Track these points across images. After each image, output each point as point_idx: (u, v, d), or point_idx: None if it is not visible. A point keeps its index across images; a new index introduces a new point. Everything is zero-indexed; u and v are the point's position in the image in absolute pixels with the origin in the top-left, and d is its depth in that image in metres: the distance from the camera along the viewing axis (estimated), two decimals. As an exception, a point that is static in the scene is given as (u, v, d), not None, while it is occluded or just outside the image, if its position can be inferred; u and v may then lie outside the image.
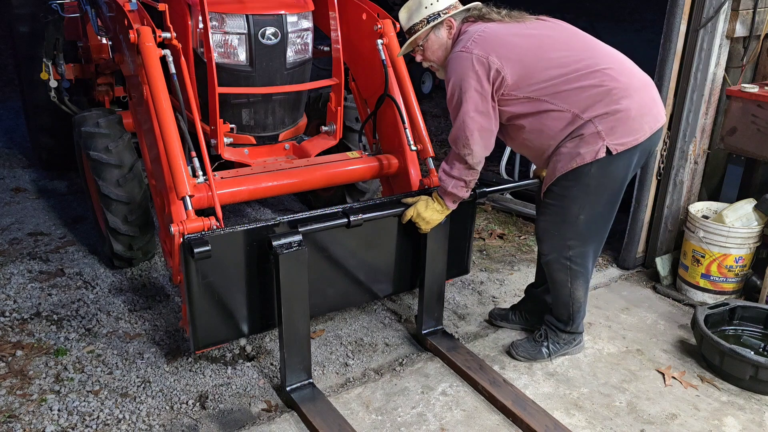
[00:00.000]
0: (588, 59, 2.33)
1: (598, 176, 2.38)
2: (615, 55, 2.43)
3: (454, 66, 2.38)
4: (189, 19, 3.09)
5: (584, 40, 2.44)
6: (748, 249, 3.22)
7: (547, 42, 2.38)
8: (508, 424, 2.49)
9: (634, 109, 2.32)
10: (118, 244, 3.34)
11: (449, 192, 2.54)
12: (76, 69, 4.28)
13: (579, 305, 2.74)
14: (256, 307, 2.54)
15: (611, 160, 2.35)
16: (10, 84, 7.35)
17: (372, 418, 2.51)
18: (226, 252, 2.37)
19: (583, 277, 2.66)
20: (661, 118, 2.46)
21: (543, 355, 2.83)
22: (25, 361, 2.81)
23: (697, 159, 3.57)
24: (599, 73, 2.31)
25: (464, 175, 2.49)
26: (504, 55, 2.32)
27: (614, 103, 2.29)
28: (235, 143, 3.23)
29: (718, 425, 2.53)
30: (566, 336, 2.83)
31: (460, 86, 2.35)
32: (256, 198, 3.14)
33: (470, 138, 2.39)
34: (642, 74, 2.45)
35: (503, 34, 2.37)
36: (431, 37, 2.51)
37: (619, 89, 2.31)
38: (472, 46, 2.34)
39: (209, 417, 2.53)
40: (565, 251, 2.58)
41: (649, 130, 2.39)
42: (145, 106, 2.79)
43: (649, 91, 2.43)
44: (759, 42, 3.47)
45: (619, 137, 2.33)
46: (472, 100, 2.34)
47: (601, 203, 2.49)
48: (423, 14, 2.48)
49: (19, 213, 4.29)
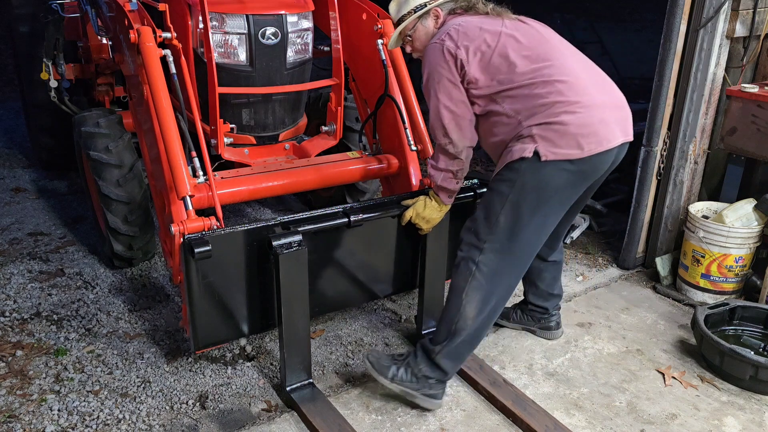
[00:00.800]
0: (546, 69, 2.27)
1: (524, 176, 2.28)
2: (579, 69, 2.33)
3: (428, 56, 2.40)
4: (189, 19, 3.09)
5: (551, 48, 2.35)
6: (748, 249, 3.22)
7: (515, 45, 2.32)
8: (508, 424, 2.49)
9: (573, 125, 2.22)
10: (118, 244, 3.34)
11: (440, 186, 2.51)
12: (76, 69, 4.28)
13: (465, 325, 2.40)
14: (256, 307, 2.54)
15: (541, 165, 2.25)
16: (10, 84, 7.35)
17: (372, 418, 2.51)
18: (226, 252, 2.37)
19: (482, 293, 2.38)
20: (613, 140, 2.29)
21: (387, 375, 2.50)
22: (25, 361, 2.81)
23: (697, 159, 3.57)
24: (550, 85, 2.25)
25: (450, 166, 2.45)
26: (472, 50, 2.31)
27: (553, 116, 2.23)
28: (235, 143, 3.23)
29: (718, 425, 2.53)
30: (427, 368, 2.47)
31: (433, 76, 2.36)
32: (256, 198, 3.14)
33: (447, 127, 2.38)
34: (604, 95, 2.33)
35: (477, 29, 2.35)
36: (418, 27, 2.52)
37: (563, 104, 2.23)
38: (445, 37, 2.35)
39: (209, 417, 2.53)
40: (476, 254, 2.38)
41: (593, 149, 2.25)
42: (146, 106, 2.79)
43: (603, 112, 2.28)
44: (759, 42, 3.47)
45: (551, 146, 2.23)
46: (445, 89, 2.35)
47: (524, 210, 2.32)
48: (411, 5, 2.49)
49: (19, 213, 4.29)
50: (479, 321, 2.42)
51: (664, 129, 3.46)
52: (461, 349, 2.47)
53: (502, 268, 2.40)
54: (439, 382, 2.50)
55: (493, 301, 2.42)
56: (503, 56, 2.31)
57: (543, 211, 2.35)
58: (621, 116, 2.38)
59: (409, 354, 2.56)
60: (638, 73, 6.86)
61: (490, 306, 2.42)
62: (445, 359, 2.46)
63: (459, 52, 2.31)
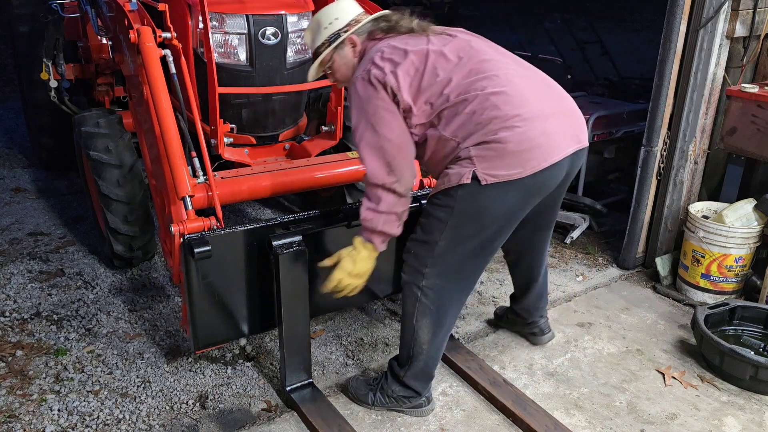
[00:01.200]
0: (480, 82, 2.10)
1: (463, 203, 2.13)
2: (516, 78, 2.15)
3: (355, 91, 2.18)
4: (189, 19, 3.09)
5: (484, 59, 2.17)
6: (748, 249, 3.22)
7: (444, 62, 2.15)
8: (508, 424, 2.49)
9: (513, 142, 2.05)
10: (118, 244, 3.34)
11: (380, 231, 2.20)
12: (76, 69, 4.28)
13: (421, 350, 2.36)
14: (256, 307, 2.54)
15: (480, 189, 2.08)
16: (10, 84, 7.35)
17: (372, 418, 2.51)
18: (226, 252, 2.37)
19: (431, 316, 2.31)
20: (562, 151, 2.15)
21: (367, 401, 2.52)
22: (25, 361, 2.81)
23: (697, 159, 3.57)
24: (485, 99, 2.07)
25: (395, 208, 2.17)
26: (401, 75, 2.12)
27: (491, 134, 2.05)
28: (235, 143, 3.23)
29: (718, 425, 2.53)
30: (399, 389, 2.45)
31: (367, 110, 2.14)
32: (256, 198, 3.14)
33: (392, 164, 2.12)
34: (547, 102, 2.17)
35: (402, 52, 2.16)
36: (336, 58, 2.33)
37: (500, 119, 2.06)
38: (371, 67, 2.15)
39: (209, 417, 2.53)
40: (419, 279, 2.28)
41: (536, 166, 2.09)
42: (145, 106, 2.80)
43: (546, 124, 2.12)
44: (759, 42, 3.47)
45: (490, 168, 2.07)
46: (384, 121, 2.12)
47: (465, 234, 2.20)
48: (324, 36, 2.31)
49: (19, 213, 4.29)
50: (436, 342, 2.38)
51: (664, 129, 3.46)
52: (425, 369, 2.43)
53: (448, 290, 2.31)
54: (417, 397, 2.48)
55: (446, 321, 2.36)
56: (433, 76, 2.13)
57: (485, 235, 2.22)
58: (568, 123, 2.22)
59: (381, 377, 2.54)
60: (638, 73, 6.86)
61: (443, 326, 2.37)
62: (413, 380, 2.44)
63: (388, 79, 2.11)
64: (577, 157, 2.26)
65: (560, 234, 4.18)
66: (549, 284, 3.55)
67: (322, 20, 2.32)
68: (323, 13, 2.33)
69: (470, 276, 2.35)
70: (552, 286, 3.55)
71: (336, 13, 2.31)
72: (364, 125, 2.15)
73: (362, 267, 2.28)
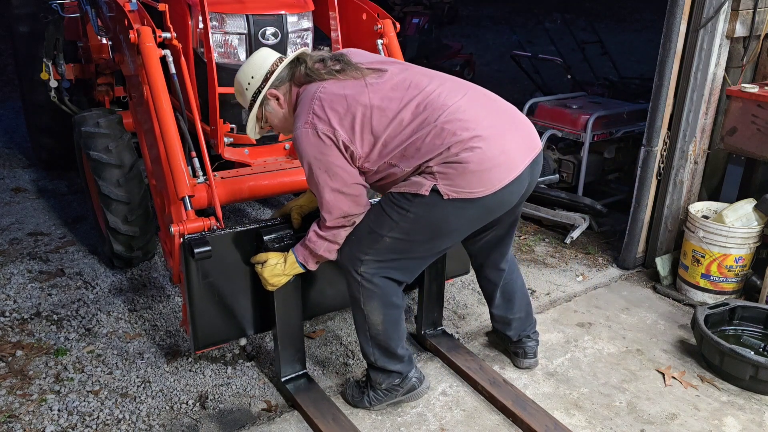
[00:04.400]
0: (430, 114, 2.09)
1: (420, 210, 2.14)
2: (462, 101, 2.14)
3: (303, 145, 2.14)
4: (189, 19, 3.09)
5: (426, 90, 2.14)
6: (748, 249, 3.22)
7: (386, 104, 2.12)
8: (508, 424, 2.49)
9: (473, 162, 2.05)
10: (118, 244, 3.34)
11: (320, 255, 2.28)
12: (76, 69, 4.28)
13: (377, 332, 2.37)
14: (256, 307, 2.54)
15: (440, 202, 2.10)
16: (10, 84, 7.35)
17: (372, 418, 2.51)
18: (226, 252, 2.37)
19: (377, 298, 2.31)
20: (520, 164, 2.16)
21: (365, 404, 2.52)
22: (25, 361, 2.81)
23: (697, 159, 3.57)
24: (439, 129, 2.07)
25: (340, 238, 2.26)
26: (347, 127, 2.10)
27: (452, 156, 2.06)
28: (235, 143, 3.23)
29: (718, 425, 2.53)
30: (381, 377, 2.46)
31: (319, 167, 2.13)
32: (256, 198, 3.14)
33: (349, 211, 2.19)
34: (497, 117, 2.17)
35: (341, 100, 2.12)
36: (266, 114, 2.31)
37: (460, 143, 2.06)
38: (314, 119, 2.11)
39: (209, 417, 2.53)
40: (357, 265, 2.27)
41: (497, 184, 2.11)
42: (146, 106, 2.79)
43: (503, 141, 2.12)
44: (759, 42, 3.47)
45: (451, 185, 2.08)
46: (338, 177, 2.13)
47: (414, 239, 2.22)
48: (248, 97, 2.28)
49: (19, 213, 4.29)
50: (389, 320, 2.37)
51: (664, 129, 3.46)
52: (389, 348, 2.42)
53: (386, 272, 2.30)
54: (404, 379, 2.48)
55: (394, 299, 2.36)
56: (383, 120, 2.11)
57: (437, 241, 2.24)
58: (520, 135, 2.22)
59: (366, 376, 2.55)
60: (638, 73, 6.86)
61: (392, 304, 2.36)
62: (386, 362, 2.44)
63: (338, 134, 2.09)
64: (535, 163, 2.25)
65: (560, 234, 4.18)
66: (549, 284, 3.56)
67: (241, 82, 2.29)
68: (239, 75, 2.29)
69: (411, 270, 2.35)
70: (552, 286, 3.55)
71: (250, 71, 2.27)
72: (317, 179, 2.15)
73: (277, 280, 2.35)
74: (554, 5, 13.33)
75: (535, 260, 3.84)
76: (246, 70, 2.28)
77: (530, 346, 2.79)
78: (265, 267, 2.34)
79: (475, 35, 12.84)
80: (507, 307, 2.73)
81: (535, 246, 4.04)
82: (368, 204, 2.24)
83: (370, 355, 2.45)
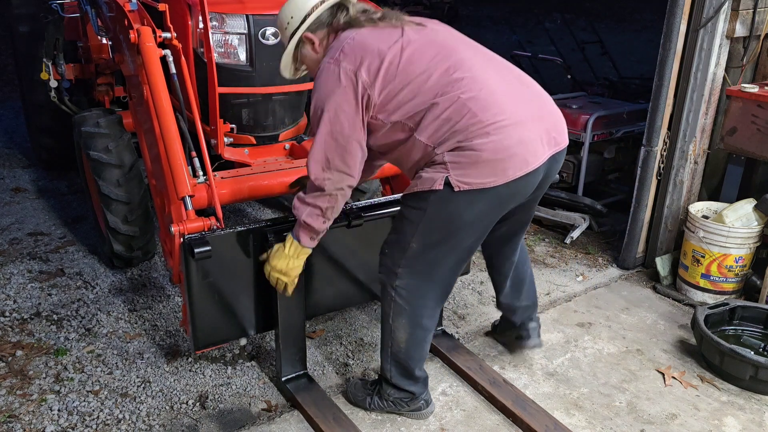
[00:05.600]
0: (456, 84, 2.04)
1: (434, 207, 2.11)
2: (494, 80, 2.09)
3: (321, 79, 2.12)
4: (189, 19, 3.09)
5: (461, 58, 2.09)
6: (748, 249, 3.22)
7: (417, 57, 2.07)
8: (508, 424, 2.49)
9: (488, 151, 2.01)
10: (118, 244, 3.34)
11: (304, 222, 2.19)
12: (76, 69, 4.28)
13: (400, 349, 2.35)
14: (256, 307, 2.54)
15: (452, 195, 2.06)
16: (10, 84, 7.35)
17: (372, 418, 2.51)
18: (226, 252, 2.37)
19: (407, 316, 2.30)
20: (539, 158, 2.11)
21: (365, 406, 2.53)
22: (25, 361, 2.81)
23: (697, 159, 3.57)
24: (461, 104, 2.02)
25: (319, 201, 2.15)
26: (372, 70, 2.05)
27: (467, 141, 2.01)
28: (235, 143, 3.23)
29: (718, 425, 2.53)
30: (393, 391, 2.45)
31: (326, 102, 2.08)
32: (256, 198, 3.14)
33: (331, 161, 2.10)
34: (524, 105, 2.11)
35: (374, 44, 2.08)
36: (301, 55, 2.29)
37: (477, 125, 2.00)
38: (341, 57, 2.07)
39: (209, 417, 2.53)
40: (393, 279, 2.28)
41: (511, 175, 2.05)
42: (146, 106, 2.79)
43: (523, 130, 2.07)
44: (759, 42, 3.47)
45: (464, 175, 2.04)
46: (338, 119, 2.08)
47: (436, 238, 2.19)
48: (287, 35, 2.26)
49: (19, 213, 4.29)
50: (414, 342, 2.36)
51: (664, 129, 3.46)
52: (408, 368, 2.41)
53: (421, 289, 2.29)
54: (414, 399, 2.47)
55: (422, 320, 2.34)
56: (406, 74, 2.06)
57: (456, 239, 2.20)
58: (546, 126, 2.15)
59: (378, 381, 2.53)
60: (638, 73, 6.86)
61: (419, 326, 2.34)
62: (400, 381, 2.44)
63: (360, 75, 2.04)
64: (554, 160, 2.22)
65: (560, 234, 4.18)
66: (549, 284, 3.56)
67: (282, 20, 2.27)
68: (281, 13, 2.27)
69: (444, 277, 2.32)
70: (552, 286, 3.56)
71: (290, 11, 2.24)
72: (318, 114, 2.11)
73: (286, 264, 2.28)
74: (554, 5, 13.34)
75: (535, 260, 3.84)
76: (286, 10, 2.25)
77: (533, 327, 2.80)
78: (271, 255, 2.31)
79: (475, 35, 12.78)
80: (515, 295, 2.74)
81: (535, 246, 4.04)
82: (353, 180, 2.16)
83: (387, 371, 2.44)
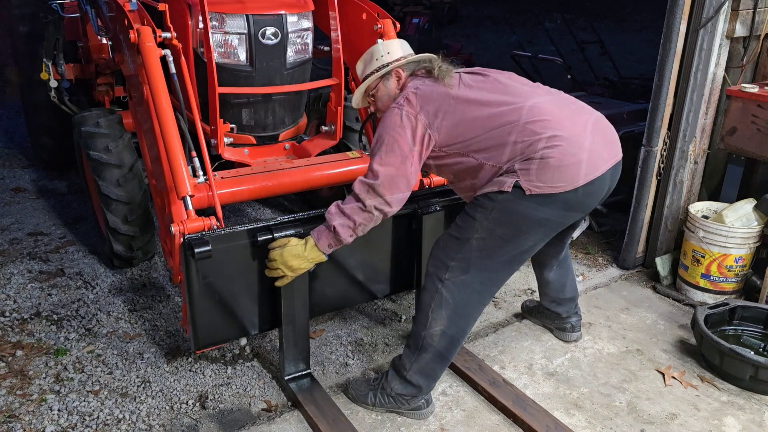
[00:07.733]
0: (513, 114, 2.23)
1: (503, 206, 2.21)
2: (553, 108, 2.27)
3: (385, 119, 2.32)
4: (189, 19, 3.09)
5: (517, 92, 2.31)
6: (748, 249, 3.22)
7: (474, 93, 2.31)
8: (508, 424, 2.49)
9: (556, 158, 2.16)
10: (118, 244, 3.34)
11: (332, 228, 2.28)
12: (76, 69, 4.29)
13: (431, 341, 2.39)
14: (256, 306, 2.54)
15: (522, 197, 2.18)
16: (10, 84, 7.35)
17: (372, 418, 2.51)
18: (226, 252, 2.37)
19: (448, 309, 2.35)
20: (602, 166, 2.25)
21: (367, 401, 2.54)
22: (25, 361, 2.81)
23: (697, 159, 3.57)
24: (522, 128, 2.19)
25: (356, 216, 2.26)
26: (432, 113, 2.27)
27: (533, 153, 2.17)
28: (235, 143, 3.23)
29: (718, 425, 2.53)
30: (399, 386, 2.47)
31: (385, 139, 2.27)
32: (256, 198, 3.14)
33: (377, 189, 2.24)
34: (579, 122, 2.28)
35: (436, 92, 2.32)
36: (380, 87, 2.49)
37: (542, 140, 2.17)
38: (404, 102, 2.31)
39: (209, 417, 2.53)
40: (443, 271, 2.34)
41: (579, 181, 2.19)
42: (146, 106, 2.80)
43: (585, 140, 2.22)
44: (759, 42, 3.47)
45: (534, 180, 2.17)
46: (395, 154, 2.25)
47: (498, 237, 2.27)
48: (374, 65, 2.48)
49: (19, 213, 4.29)
50: (447, 338, 2.39)
51: (664, 129, 3.46)
52: (432, 365, 2.43)
53: (468, 287, 2.34)
54: (416, 397, 2.47)
55: (461, 321, 2.38)
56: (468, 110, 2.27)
57: (518, 241, 2.28)
58: (604, 139, 2.31)
59: (382, 376, 2.55)
60: (638, 73, 6.87)
61: (457, 324, 2.38)
62: (417, 375, 2.44)
63: (420, 117, 2.26)
64: (615, 171, 2.34)
65: (560, 234, 4.18)
66: (549, 284, 3.55)
67: (375, 52, 2.50)
68: (377, 47, 2.51)
69: (494, 279, 2.38)
70: (552, 286, 3.56)
71: (389, 48, 2.49)
72: (379, 146, 2.29)
73: (297, 262, 2.34)
74: (554, 5, 13.34)
75: (535, 260, 3.84)
76: (384, 46, 2.50)
77: (576, 321, 3.02)
78: (286, 247, 2.34)
79: (475, 35, 12.85)
80: (560, 289, 2.94)
81: (535, 246, 4.04)
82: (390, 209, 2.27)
83: (407, 362, 2.45)
